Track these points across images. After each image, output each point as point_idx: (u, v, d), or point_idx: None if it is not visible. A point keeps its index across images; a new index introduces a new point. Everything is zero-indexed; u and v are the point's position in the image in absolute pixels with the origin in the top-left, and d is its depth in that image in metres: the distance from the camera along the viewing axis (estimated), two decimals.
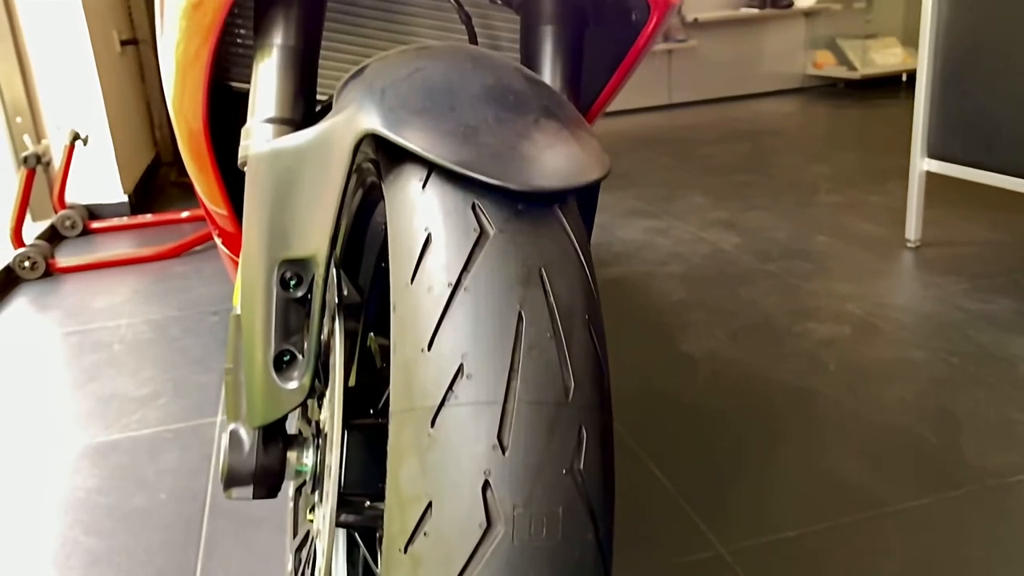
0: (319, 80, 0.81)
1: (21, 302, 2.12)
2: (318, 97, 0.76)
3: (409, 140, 0.49)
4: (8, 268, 2.24)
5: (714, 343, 1.62)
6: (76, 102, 2.74)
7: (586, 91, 0.83)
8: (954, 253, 2.05)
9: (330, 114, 0.62)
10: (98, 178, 2.84)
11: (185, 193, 3.29)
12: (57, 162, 2.72)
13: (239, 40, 0.91)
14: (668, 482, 1.18)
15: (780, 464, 1.21)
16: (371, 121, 0.52)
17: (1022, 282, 1.83)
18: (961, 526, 1.05)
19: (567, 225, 0.50)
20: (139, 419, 1.46)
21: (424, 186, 0.50)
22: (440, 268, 0.47)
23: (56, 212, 2.70)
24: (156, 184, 3.53)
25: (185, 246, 2.43)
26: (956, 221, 2.28)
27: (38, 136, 2.69)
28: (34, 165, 2.32)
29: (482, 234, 0.47)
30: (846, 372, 1.47)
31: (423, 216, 0.49)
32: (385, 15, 0.92)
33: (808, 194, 2.68)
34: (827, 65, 4.95)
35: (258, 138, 0.69)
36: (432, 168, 0.50)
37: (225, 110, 0.89)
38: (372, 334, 0.85)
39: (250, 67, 0.94)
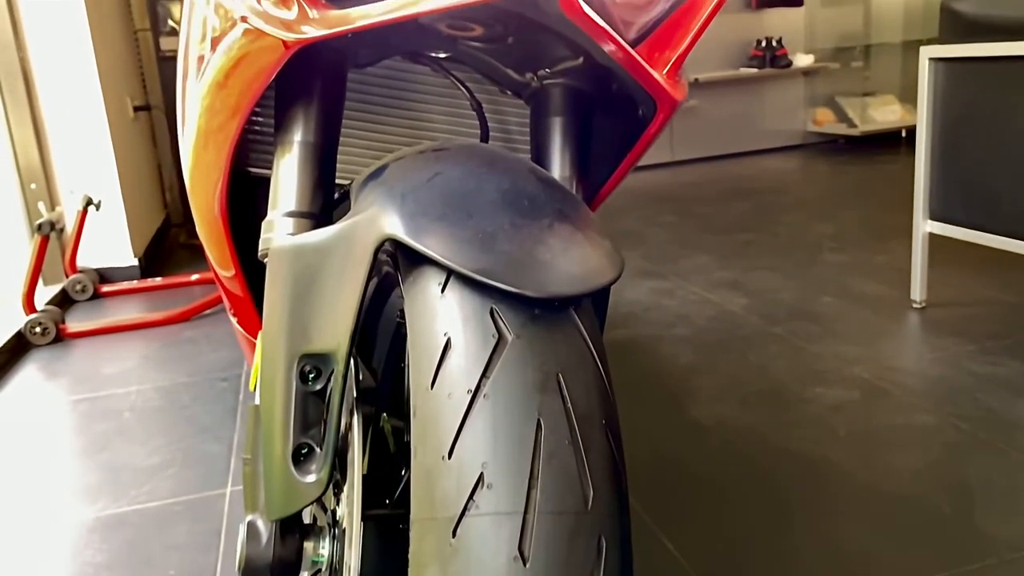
0: (337, 166, 0.83)
1: (31, 368, 2.13)
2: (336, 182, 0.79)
3: (429, 248, 0.51)
4: (19, 334, 2.26)
5: (724, 409, 1.62)
6: (89, 168, 2.79)
7: (593, 178, 0.85)
8: (960, 314, 2.05)
9: (351, 213, 0.64)
10: (109, 242, 2.88)
11: (194, 255, 3.32)
12: (70, 227, 2.76)
13: (256, 127, 0.94)
14: (678, 553, 1.17)
15: (793, 535, 1.20)
16: (392, 226, 0.54)
17: None
18: None
19: (582, 328, 0.51)
20: (148, 491, 1.45)
21: (443, 290, 0.51)
22: (460, 374, 0.48)
23: (67, 276, 2.73)
24: (166, 246, 3.57)
25: (194, 310, 2.45)
26: (961, 281, 2.29)
27: (52, 203, 2.74)
28: (48, 232, 2.35)
29: (500, 340, 0.48)
30: (857, 439, 1.46)
31: (443, 321, 0.50)
32: (400, 103, 0.95)
33: (813, 253, 2.70)
34: (827, 122, 5.03)
35: (279, 232, 0.71)
36: (451, 273, 0.51)
37: (241, 193, 0.91)
38: (385, 415, 0.86)
39: (266, 153, 0.96)
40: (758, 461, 1.41)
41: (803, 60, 4.90)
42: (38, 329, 2.27)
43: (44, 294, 2.60)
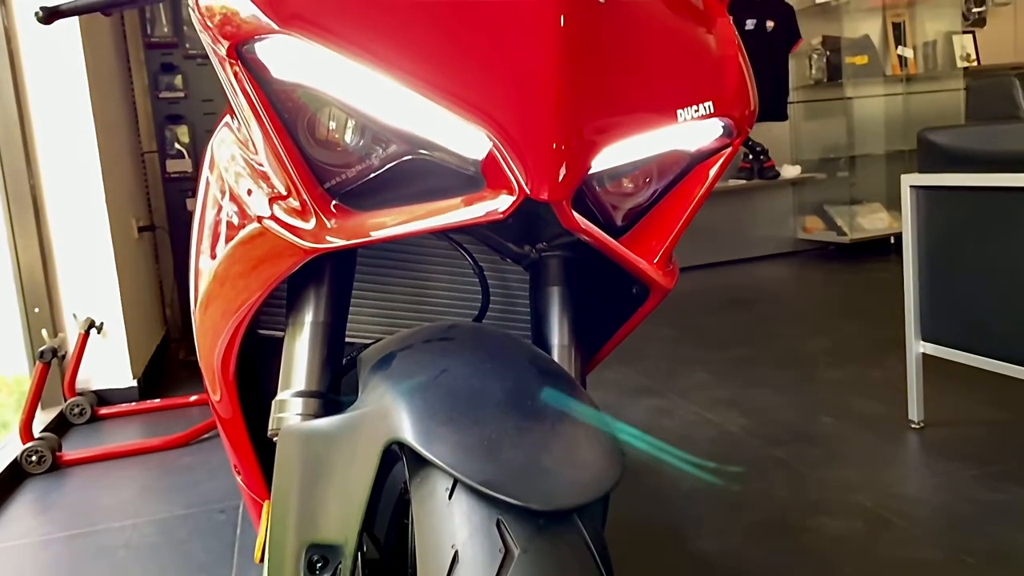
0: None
1: (26, 499, 2.11)
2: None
3: (437, 455, 0.53)
4: (15, 463, 2.24)
5: (728, 540, 1.61)
6: (93, 291, 2.83)
7: (589, 345, 0.88)
8: (959, 435, 2.06)
9: (358, 400, 0.66)
10: (109, 364, 2.89)
11: (192, 373, 3.33)
12: (70, 349, 2.78)
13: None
14: None
15: None
16: (400, 430, 0.56)
17: None
18: None
19: (587, 536, 0.53)
20: None
21: (450, 496, 0.53)
22: None
23: (65, 399, 2.73)
24: (165, 362, 3.58)
25: (192, 435, 2.44)
26: (959, 399, 2.30)
27: (55, 328, 2.76)
28: (49, 360, 2.37)
29: (507, 555, 0.49)
30: None
31: (450, 531, 0.51)
32: (404, 264, 0.98)
33: (809, 369, 2.72)
34: (816, 230, 5.14)
35: (290, 413, 0.73)
36: (458, 480, 0.53)
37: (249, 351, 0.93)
38: None
39: (275, 315, 0.99)
40: None
41: (790, 171, 5.05)
42: (34, 458, 2.26)
43: (42, 417, 2.60)
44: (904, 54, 5.28)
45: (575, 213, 0.64)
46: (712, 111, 0.71)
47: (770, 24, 4.81)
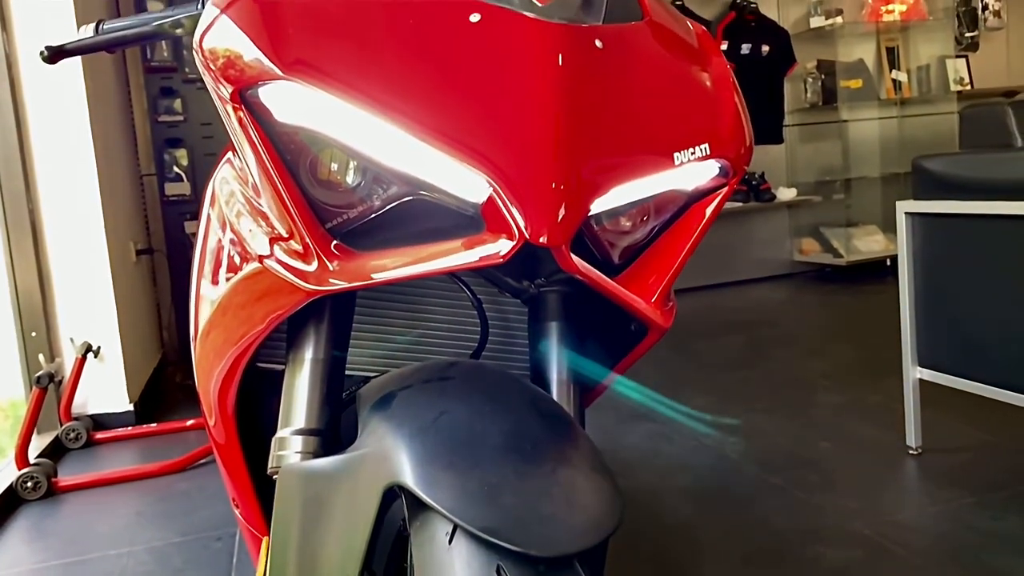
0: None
1: (21, 526, 2.10)
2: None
3: (437, 500, 0.53)
4: (11, 489, 2.23)
5: (728, 570, 1.60)
6: (90, 314, 2.83)
7: (588, 380, 0.88)
8: (957, 461, 2.06)
9: (357, 441, 0.66)
10: (105, 388, 2.88)
11: (188, 397, 3.32)
12: (67, 374, 2.77)
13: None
14: None
15: None
16: (401, 474, 0.56)
17: None
18: None
19: None
20: None
21: (450, 542, 0.53)
22: None
23: (61, 424, 2.72)
24: (162, 385, 3.57)
25: (188, 460, 2.43)
26: (956, 424, 2.30)
27: (52, 352, 2.76)
28: (46, 385, 2.36)
29: None
30: None
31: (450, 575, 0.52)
32: (402, 297, 0.99)
33: (807, 393, 2.72)
34: (813, 252, 5.16)
35: (291, 451, 0.73)
36: (459, 525, 0.53)
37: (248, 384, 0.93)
38: None
39: (275, 349, 0.99)
40: None
41: (786, 194, 5.07)
42: (30, 484, 2.25)
43: (37, 442, 2.58)
44: (898, 78, 5.33)
45: (573, 256, 0.65)
46: (708, 153, 0.72)
47: (765, 49, 4.85)
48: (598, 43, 0.67)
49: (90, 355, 2.77)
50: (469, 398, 0.62)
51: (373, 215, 0.70)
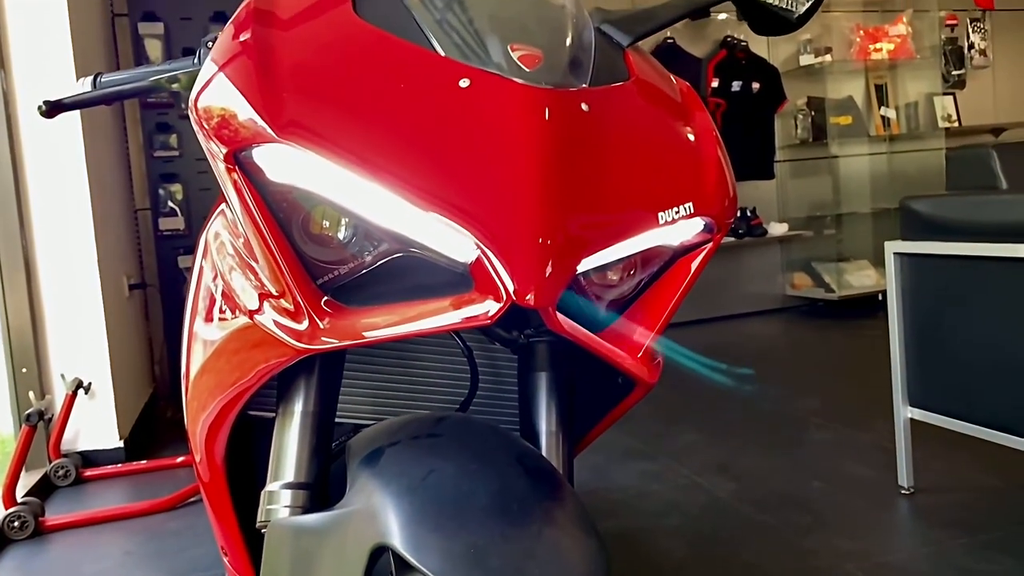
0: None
1: (8, 567, 2.07)
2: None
3: (424, 564, 0.53)
4: None
5: None
6: (81, 350, 2.82)
7: (577, 429, 0.89)
8: (949, 501, 2.06)
9: (346, 497, 0.67)
10: (95, 425, 2.87)
11: (179, 433, 3.29)
12: (57, 410, 2.76)
13: None
14: None
15: None
16: (389, 535, 0.56)
17: (1021, 536, 1.82)
18: None
19: None
20: None
21: None
22: None
23: (50, 461, 2.70)
24: (153, 420, 3.55)
25: (178, 498, 2.41)
26: (948, 464, 2.30)
27: (42, 389, 2.75)
28: (36, 423, 2.35)
29: None
30: None
31: None
32: (394, 347, 1.00)
33: (799, 430, 2.73)
34: (804, 286, 5.19)
35: (279, 505, 0.73)
36: None
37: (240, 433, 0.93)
38: None
39: (266, 397, 1.00)
40: None
41: (778, 229, 5.11)
42: (17, 523, 2.23)
43: (25, 480, 2.56)
44: (887, 114, 5.40)
45: (559, 315, 0.66)
46: (692, 211, 0.73)
47: (756, 86, 4.92)
48: (584, 106, 0.69)
49: (80, 391, 2.75)
50: (457, 456, 0.63)
51: (364, 271, 0.71)
